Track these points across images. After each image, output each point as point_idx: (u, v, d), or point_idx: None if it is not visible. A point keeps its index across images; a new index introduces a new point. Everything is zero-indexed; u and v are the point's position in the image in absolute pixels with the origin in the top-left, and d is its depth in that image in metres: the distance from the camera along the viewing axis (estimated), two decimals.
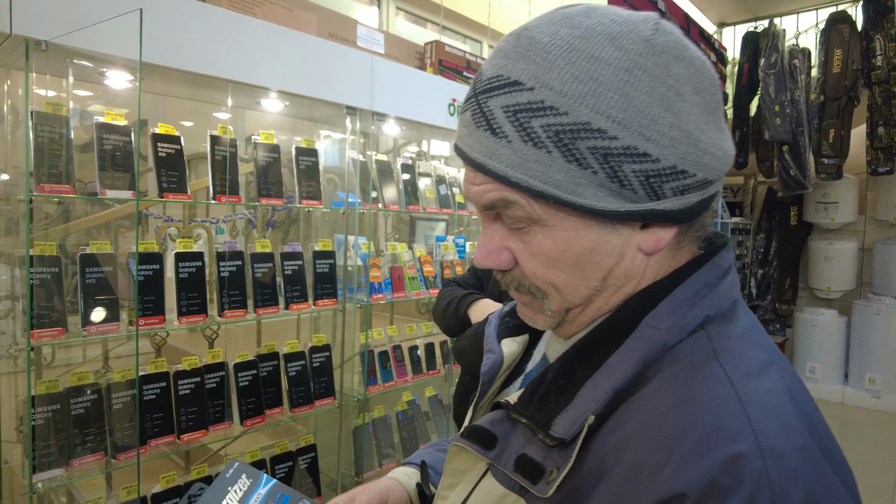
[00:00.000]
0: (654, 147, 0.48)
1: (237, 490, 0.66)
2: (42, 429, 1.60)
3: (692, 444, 0.43)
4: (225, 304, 1.92)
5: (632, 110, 0.47)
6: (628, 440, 0.47)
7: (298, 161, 2.14)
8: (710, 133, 0.50)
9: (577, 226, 0.51)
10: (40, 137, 1.56)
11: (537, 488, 0.50)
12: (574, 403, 0.51)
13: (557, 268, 0.53)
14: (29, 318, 1.54)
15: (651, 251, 0.53)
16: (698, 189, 0.51)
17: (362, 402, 2.34)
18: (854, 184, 5.19)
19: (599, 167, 0.48)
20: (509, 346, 0.69)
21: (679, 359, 0.50)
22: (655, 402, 0.48)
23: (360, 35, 2.35)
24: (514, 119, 0.49)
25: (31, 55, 1.46)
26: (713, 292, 0.53)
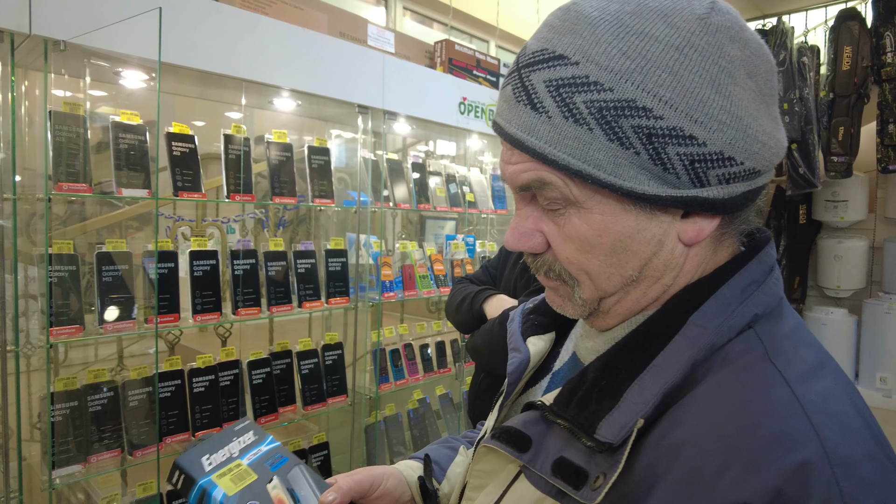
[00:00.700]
0: (702, 130, 0.45)
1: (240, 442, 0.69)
2: (60, 425, 1.62)
3: (754, 451, 0.41)
4: (239, 302, 1.94)
5: (680, 90, 0.45)
6: (682, 445, 0.44)
7: (311, 160, 2.15)
8: (762, 121, 0.48)
9: (616, 210, 0.49)
10: (58, 137, 1.58)
11: (581, 494, 0.47)
12: (620, 406, 0.48)
13: (592, 254, 0.51)
14: (48, 316, 1.56)
15: (691, 242, 0.51)
16: (745, 179, 0.48)
17: (374, 399, 2.35)
18: (864, 182, 5.16)
19: (642, 147, 0.46)
20: (535, 345, 0.67)
21: (729, 360, 0.48)
22: (710, 405, 0.45)
23: (370, 34, 2.36)
24: (556, 94, 0.47)
25: (50, 55, 1.48)
26: (760, 290, 0.51)
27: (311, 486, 0.68)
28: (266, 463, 0.68)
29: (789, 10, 5.08)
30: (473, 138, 2.82)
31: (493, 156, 3.12)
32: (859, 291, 5.14)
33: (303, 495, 0.67)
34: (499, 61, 2.82)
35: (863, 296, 5.11)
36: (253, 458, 0.68)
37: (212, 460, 0.65)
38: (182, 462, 0.64)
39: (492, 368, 1.58)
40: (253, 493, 0.64)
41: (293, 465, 0.70)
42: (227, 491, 0.63)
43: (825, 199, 5.06)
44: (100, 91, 1.88)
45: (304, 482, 0.69)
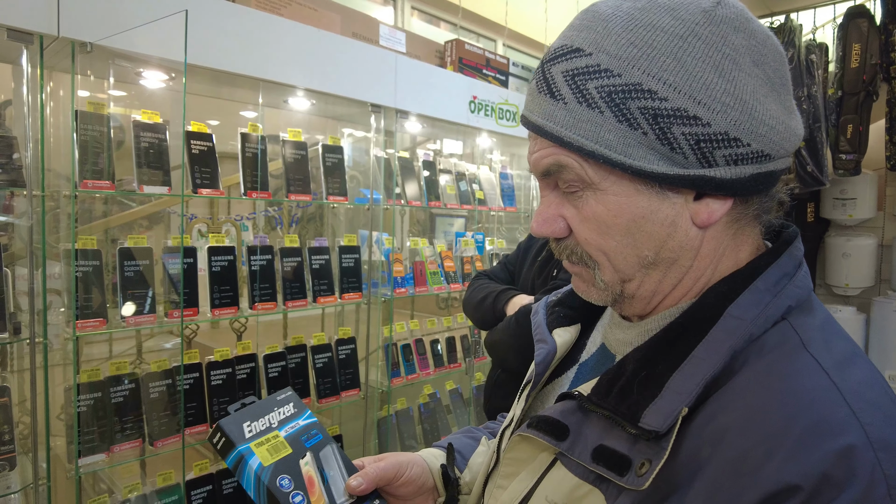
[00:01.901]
0: (705, 111, 0.48)
1: (281, 412, 0.71)
2: (85, 416, 1.67)
3: (799, 436, 0.43)
4: (256, 297, 1.98)
5: (684, 74, 0.48)
6: (726, 432, 0.46)
7: (325, 158, 2.19)
8: (769, 106, 0.50)
9: (629, 191, 0.51)
10: (83, 136, 1.62)
11: (626, 480, 0.49)
12: (663, 395, 0.50)
13: (609, 234, 0.53)
14: (74, 309, 1.60)
15: (704, 224, 0.53)
16: (753, 161, 0.50)
17: (386, 393, 2.39)
18: (873, 179, 5.14)
19: (649, 128, 0.49)
20: (561, 336, 0.69)
21: (767, 350, 0.50)
22: (751, 393, 0.47)
23: (382, 34, 2.40)
24: (571, 82, 0.51)
25: (77, 56, 1.52)
26: (792, 282, 0.53)
27: (341, 467, 0.71)
28: (301, 438, 0.70)
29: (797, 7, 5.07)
30: (483, 136, 2.85)
31: (501, 154, 3.15)
32: (868, 289, 5.13)
33: (332, 475, 0.69)
34: (508, 60, 2.85)
35: (871, 294, 5.09)
36: (290, 432, 0.70)
37: (252, 427, 0.68)
38: (225, 425, 0.66)
39: (506, 363, 1.61)
40: (286, 467, 0.66)
41: (326, 443, 0.72)
42: (263, 461, 0.65)
43: (833, 196, 5.04)
44: (119, 91, 1.93)
45: (335, 462, 0.71)
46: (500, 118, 2.63)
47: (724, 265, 0.56)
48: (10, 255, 1.69)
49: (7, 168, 1.55)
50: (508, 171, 3.06)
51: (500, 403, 1.65)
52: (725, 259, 0.56)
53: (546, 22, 3.64)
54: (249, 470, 0.64)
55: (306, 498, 0.65)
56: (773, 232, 0.59)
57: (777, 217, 0.58)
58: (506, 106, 2.66)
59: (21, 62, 1.47)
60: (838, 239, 5.06)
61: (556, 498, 0.55)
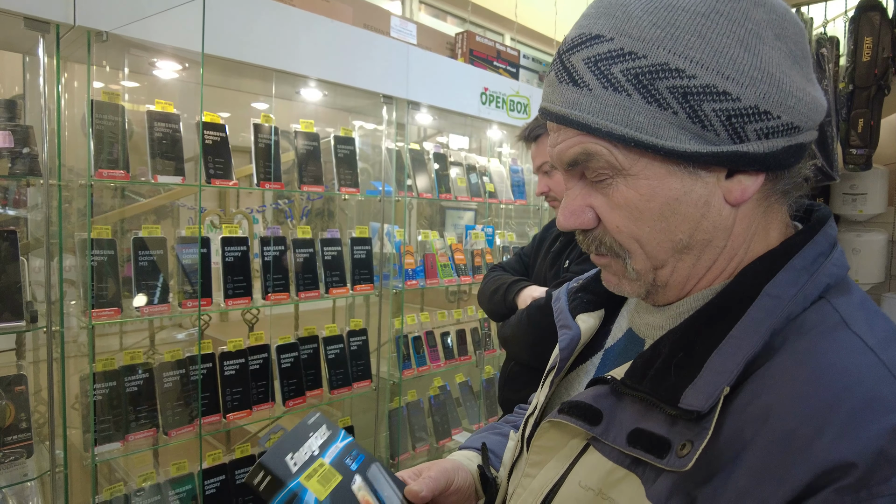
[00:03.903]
0: (734, 86, 0.48)
1: (318, 437, 0.66)
2: (100, 405, 1.67)
3: (850, 412, 0.42)
4: (269, 288, 1.98)
5: (710, 50, 0.47)
6: (771, 410, 0.45)
7: (337, 149, 2.19)
8: (794, 78, 0.50)
9: (661, 173, 0.51)
10: (98, 126, 1.63)
11: (667, 462, 0.48)
12: (703, 375, 0.49)
13: (642, 220, 0.52)
14: (90, 298, 1.61)
15: (737, 201, 0.52)
16: (784, 134, 0.50)
17: (398, 385, 2.40)
18: (883, 174, 5.11)
19: (679, 107, 0.48)
20: (585, 322, 0.68)
21: (807, 328, 0.49)
22: (795, 371, 0.46)
23: (393, 26, 2.39)
24: (594, 68, 0.50)
25: (92, 46, 1.52)
26: (828, 261, 0.52)
27: (392, 485, 0.67)
28: (346, 461, 0.66)
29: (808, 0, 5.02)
30: (493, 129, 2.84)
31: (511, 147, 3.15)
32: (878, 285, 5.09)
33: (386, 495, 0.65)
34: (519, 52, 2.84)
35: (882, 290, 5.06)
36: (333, 456, 0.65)
37: (296, 460, 0.61)
38: (268, 462, 0.58)
39: (518, 357, 1.60)
40: (342, 497, 0.61)
41: (370, 462, 0.68)
42: (318, 495, 0.59)
43: (843, 192, 5.00)
44: (132, 82, 1.93)
45: (384, 481, 0.67)
46: (511, 110, 2.63)
47: (757, 245, 0.55)
48: (24, 246, 1.70)
49: (23, 158, 1.55)
50: (519, 164, 3.05)
51: (514, 395, 1.64)
52: (757, 239, 0.55)
53: (556, 15, 3.62)
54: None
55: None
56: (802, 212, 0.59)
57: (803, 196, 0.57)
58: (517, 98, 2.65)
59: (37, 52, 1.47)
60: (848, 234, 5.02)
61: (590, 483, 0.54)
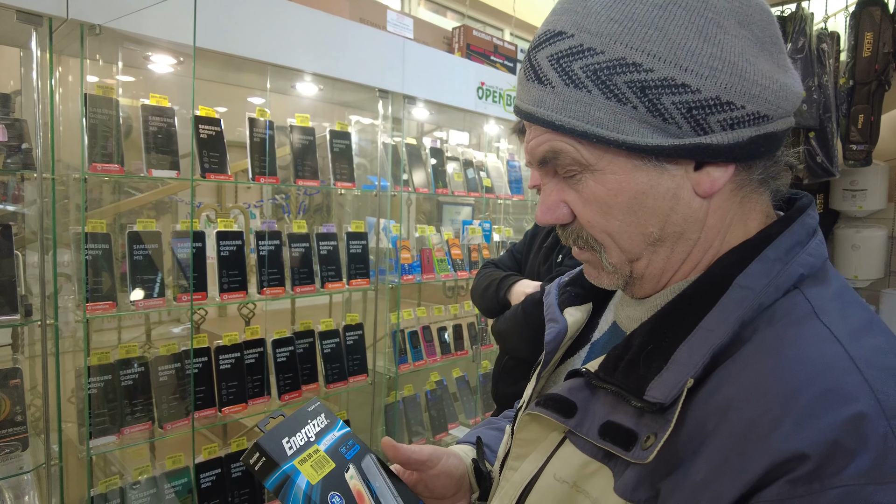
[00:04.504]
0: (693, 78, 0.47)
1: (315, 425, 0.68)
2: (95, 398, 1.68)
3: (808, 404, 0.42)
4: (264, 282, 1.99)
5: (667, 43, 0.47)
6: (732, 401, 0.45)
7: (332, 144, 2.19)
8: (760, 65, 0.48)
9: (626, 168, 0.51)
10: (92, 120, 1.63)
11: (632, 454, 0.49)
12: (669, 367, 0.49)
13: (611, 214, 0.52)
14: (84, 291, 1.61)
15: (707, 193, 0.51)
16: (751, 124, 0.49)
17: (394, 379, 2.40)
18: (883, 170, 5.10)
19: (639, 101, 0.48)
20: (573, 315, 0.68)
21: (777, 318, 0.49)
22: (759, 362, 0.46)
23: (389, 20, 2.38)
24: (556, 65, 0.50)
25: (85, 39, 1.52)
26: (804, 251, 0.52)
27: (384, 476, 0.69)
28: (341, 450, 0.68)
29: None
30: (491, 124, 2.84)
31: (508, 142, 3.14)
32: (877, 282, 5.08)
33: (377, 486, 0.67)
34: (516, 47, 2.84)
35: (881, 286, 5.05)
36: (329, 444, 0.67)
37: (292, 444, 0.64)
38: (264, 444, 0.62)
39: (515, 352, 1.60)
40: (334, 483, 0.63)
41: (365, 453, 0.70)
42: (310, 479, 0.62)
43: (843, 188, 4.99)
44: (127, 76, 1.93)
45: (377, 473, 0.69)
46: (509, 104, 2.62)
47: (733, 235, 0.54)
48: (20, 240, 1.70)
49: (18, 153, 1.55)
50: (516, 159, 3.05)
51: (508, 390, 1.65)
52: (734, 229, 0.54)
53: None
54: (297, 490, 0.60)
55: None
56: (785, 201, 0.58)
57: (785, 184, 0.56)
58: (513, 92, 2.64)
59: (30, 46, 1.47)
60: (848, 231, 5.01)
61: (565, 476, 0.55)
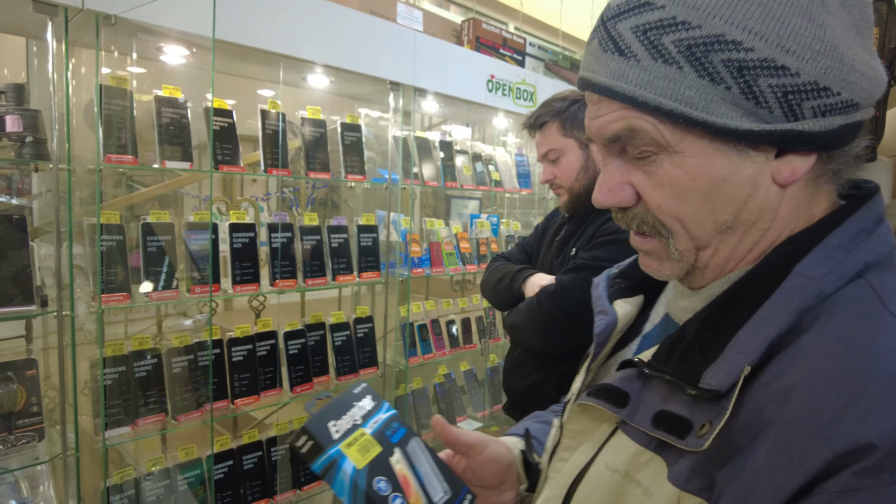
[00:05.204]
0: (795, 60, 0.45)
1: (361, 407, 0.67)
2: (110, 389, 1.68)
3: (875, 394, 0.40)
4: (277, 274, 1.99)
5: (770, 20, 0.44)
6: (793, 389, 0.43)
7: (343, 136, 2.18)
8: (857, 51, 0.47)
9: (708, 151, 0.48)
10: (107, 111, 1.62)
11: (686, 443, 0.48)
12: (726, 355, 0.48)
13: (686, 199, 0.50)
14: (100, 283, 1.62)
15: (786, 182, 0.50)
16: (842, 111, 0.47)
17: (404, 372, 2.41)
18: (888, 166, 5.10)
19: (734, 82, 0.45)
20: (622, 308, 0.67)
21: (840, 308, 0.47)
22: (821, 350, 0.44)
23: (399, 12, 2.38)
24: (643, 38, 0.47)
25: (100, 30, 1.52)
26: (870, 238, 0.49)
27: (430, 461, 0.68)
28: (387, 433, 0.67)
29: None
30: (499, 117, 2.83)
31: (516, 136, 3.14)
32: None
33: (423, 471, 0.66)
34: (525, 40, 2.83)
35: None
36: (374, 427, 0.66)
37: (338, 427, 0.64)
38: (311, 427, 0.62)
39: (528, 345, 1.59)
40: (380, 468, 0.63)
41: (410, 436, 0.69)
42: (357, 464, 0.61)
43: None
44: (139, 67, 1.92)
45: (423, 457, 0.68)
46: (518, 98, 2.62)
47: (798, 225, 0.52)
48: (33, 231, 1.70)
49: (32, 143, 1.55)
50: (524, 152, 3.05)
51: (520, 383, 1.64)
52: (800, 219, 0.52)
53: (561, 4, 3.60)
54: (343, 474, 0.60)
55: (405, 500, 0.62)
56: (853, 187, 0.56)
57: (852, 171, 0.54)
58: (523, 86, 2.64)
59: (46, 36, 1.47)
60: None
61: (617, 465, 0.54)
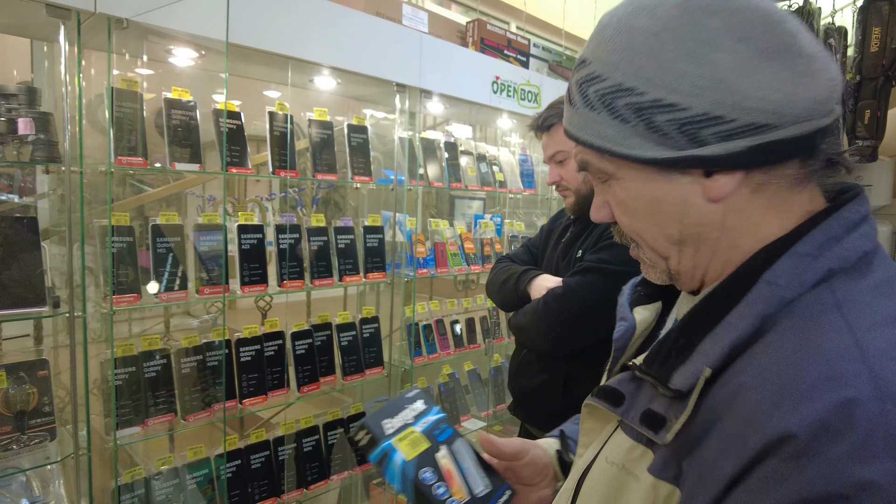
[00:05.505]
0: (682, 97, 0.51)
1: (413, 409, 0.77)
2: (120, 389, 1.70)
3: (805, 389, 0.44)
4: (284, 275, 2.00)
5: (658, 68, 0.52)
6: (741, 388, 0.48)
7: (350, 138, 2.20)
8: (760, 77, 0.50)
9: (641, 177, 0.57)
10: (117, 113, 1.64)
11: (659, 437, 0.54)
12: (692, 358, 0.53)
13: (634, 216, 0.59)
14: (111, 284, 1.63)
15: (716, 198, 0.55)
16: (747, 134, 0.51)
17: (409, 372, 2.42)
18: (889, 166, 5.11)
19: (636, 120, 0.54)
20: (641, 314, 0.72)
21: (796, 313, 0.50)
22: (770, 352, 0.49)
23: (405, 14, 2.39)
24: (580, 90, 0.58)
25: (112, 33, 1.53)
26: (839, 244, 0.52)
27: (473, 458, 0.76)
28: (434, 433, 0.76)
29: None
30: (504, 118, 2.84)
31: (520, 136, 3.15)
32: None
33: (466, 467, 0.74)
34: (529, 41, 2.84)
35: None
36: (424, 427, 0.76)
37: (392, 424, 0.74)
38: (369, 423, 0.73)
39: (534, 346, 1.61)
40: (426, 461, 0.72)
41: (456, 437, 0.77)
42: (406, 456, 0.71)
43: None
44: (148, 69, 1.93)
45: (466, 455, 0.76)
46: (522, 99, 2.63)
47: (766, 233, 0.56)
48: (43, 232, 1.71)
49: (43, 145, 1.56)
50: (528, 153, 3.06)
51: (526, 384, 1.65)
52: (765, 228, 0.56)
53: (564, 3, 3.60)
54: (394, 465, 0.70)
55: (448, 489, 0.70)
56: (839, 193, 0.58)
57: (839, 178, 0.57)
58: (527, 87, 2.65)
59: (58, 39, 1.48)
60: None
61: (615, 459, 0.61)
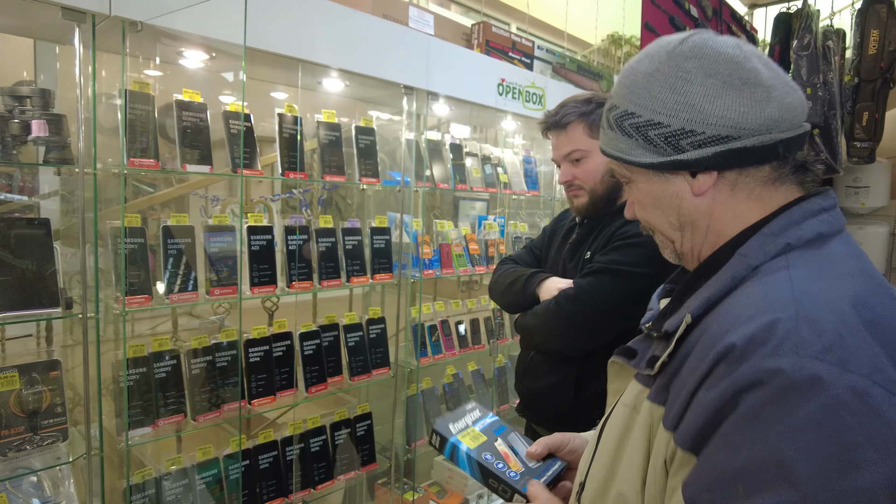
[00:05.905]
0: (665, 117, 0.71)
1: (472, 415, 1.00)
2: (131, 390, 1.71)
3: (747, 317, 0.60)
4: (293, 276, 2.01)
5: (649, 98, 0.72)
6: (708, 326, 0.66)
7: (358, 140, 2.21)
8: (723, 102, 0.69)
9: (645, 178, 0.77)
10: (130, 115, 1.64)
11: (651, 370, 0.71)
12: (680, 310, 0.72)
13: (646, 209, 0.79)
14: (124, 285, 1.64)
15: (698, 193, 0.74)
16: (714, 143, 0.69)
17: (415, 372, 2.44)
18: (887, 168, 5.15)
19: (637, 135, 0.74)
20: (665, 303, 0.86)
21: (759, 273, 0.67)
22: (733, 300, 0.66)
23: (411, 16, 2.40)
24: (606, 117, 0.79)
25: (126, 36, 1.54)
26: (798, 227, 0.69)
27: (525, 445, 0.97)
28: (492, 429, 0.98)
29: None
30: (508, 119, 2.86)
31: (523, 138, 3.17)
32: None
33: (519, 450, 0.96)
34: (533, 44, 2.86)
35: None
36: (482, 426, 0.98)
37: (456, 427, 0.96)
38: (438, 427, 0.95)
39: (543, 347, 1.61)
40: (487, 448, 0.94)
41: (510, 431, 0.99)
42: (469, 446, 0.93)
43: (846, 184, 5.04)
44: (158, 71, 1.94)
45: (520, 443, 0.97)
46: (527, 101, 2.65)
47: (749, 220, 0.73)
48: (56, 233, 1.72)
49: (57, 147, 1.57)
50: (532, 154, 3.08)
51: (534, 385, 1.66)
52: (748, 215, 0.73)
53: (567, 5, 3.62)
54: (462, 453, 0.92)
55: (506, 465, 0.91)
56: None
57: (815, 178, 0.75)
58: (532, 89, 2.67)
59: (73, 42, 1.49)
60: (850, 227, 5.05)
61: (627, 401, 0.76)
